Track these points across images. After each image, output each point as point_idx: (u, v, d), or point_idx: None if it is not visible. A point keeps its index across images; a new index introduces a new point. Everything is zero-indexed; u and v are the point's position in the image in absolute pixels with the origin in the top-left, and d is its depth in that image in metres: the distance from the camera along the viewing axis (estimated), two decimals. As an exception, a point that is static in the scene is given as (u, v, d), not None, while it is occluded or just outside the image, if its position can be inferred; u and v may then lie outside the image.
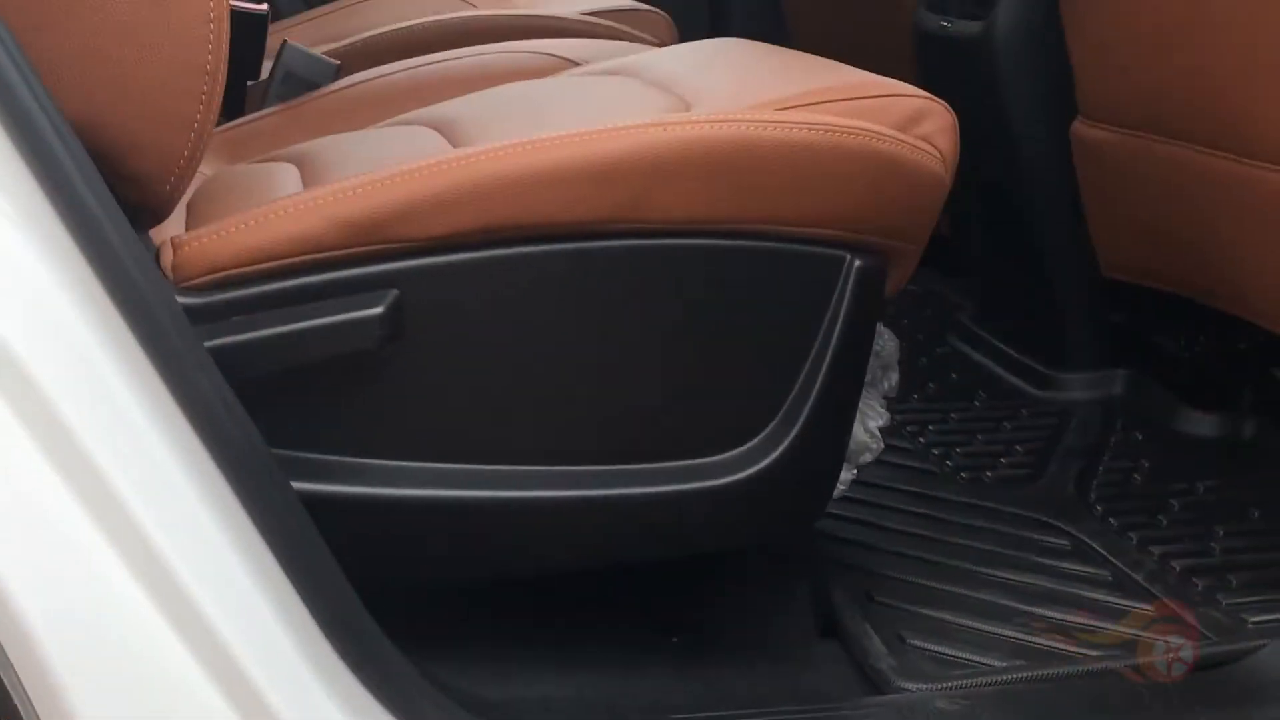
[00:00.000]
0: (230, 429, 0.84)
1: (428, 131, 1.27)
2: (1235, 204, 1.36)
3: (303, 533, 0.88)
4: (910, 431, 1.66)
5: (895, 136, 1.06)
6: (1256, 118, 1.30)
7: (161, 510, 0.83)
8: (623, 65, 1.36)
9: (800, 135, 1.02)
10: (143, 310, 0.85)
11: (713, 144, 1.00)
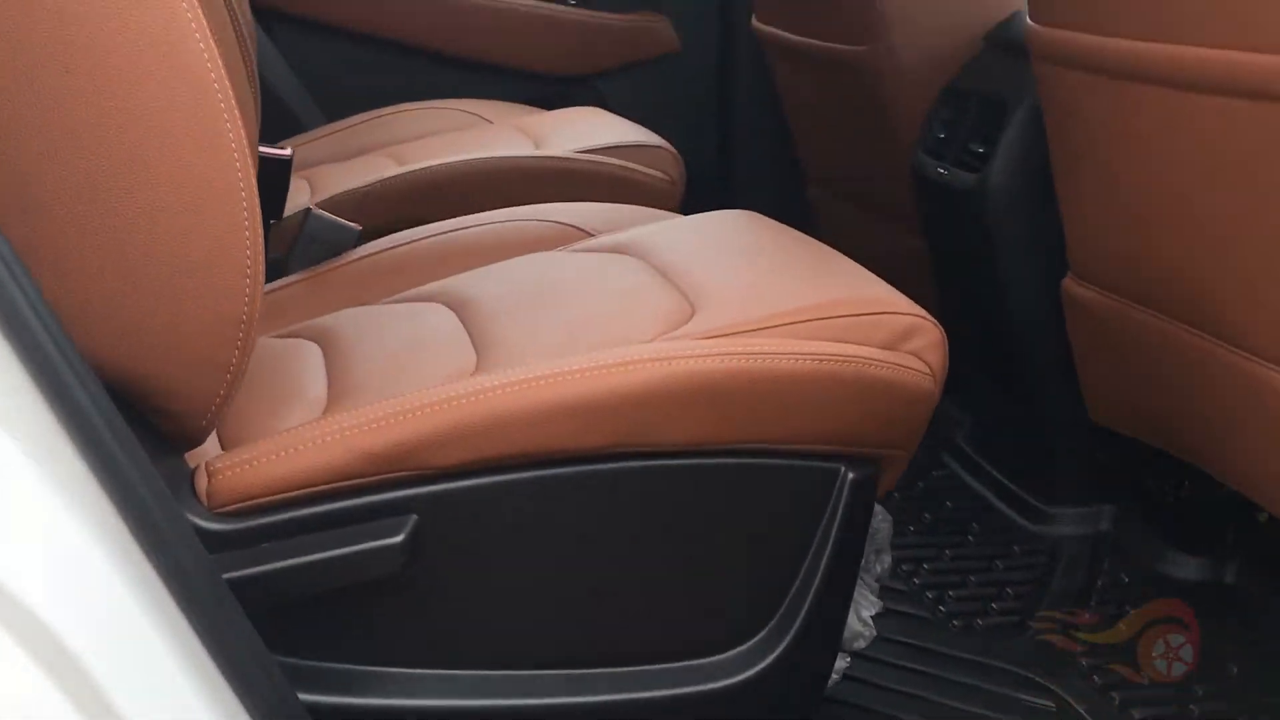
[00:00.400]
0: (262, 682, 0.90)
1: (444, 311, 1.34)
2: (1215, 382, 1.41)
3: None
4: (905, 571, 1.72)
5: (887, 361, 1.13)
6: (1231, 309, 1.35)
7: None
8: (631, 242, 1.42)
9: (797, 366, 1.09)
10: (162, 546, 0.89)
11: (713, 377, 1.07)
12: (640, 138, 1.99)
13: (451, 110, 2.31)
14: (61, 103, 0.89)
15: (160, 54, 0.90)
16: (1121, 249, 1.54)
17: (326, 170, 2.11)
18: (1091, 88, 1.46)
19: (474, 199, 1.87)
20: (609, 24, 2.58)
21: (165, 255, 0.94)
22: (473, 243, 1.52)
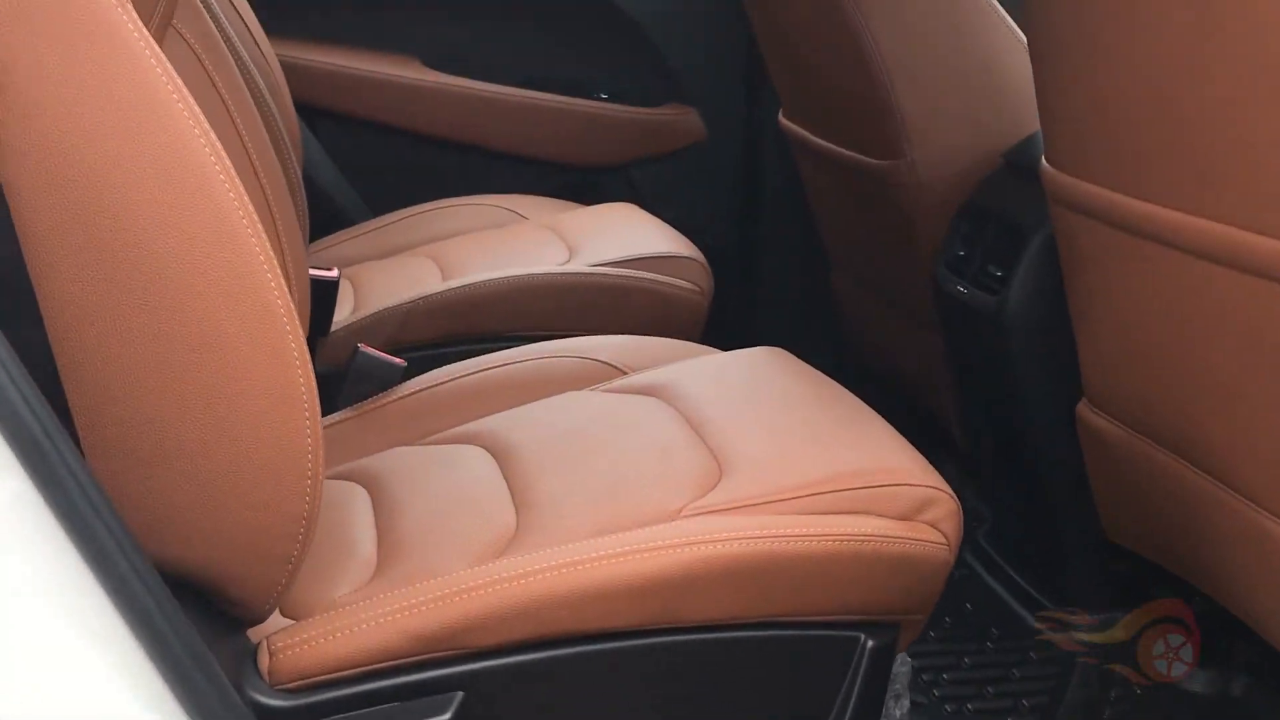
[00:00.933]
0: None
1: (484, 456, 1.41)
2: (1224, 525, 1.47)
3: None
4: (925, 681, 1.79)
5: (905, 536, 1.20)
6: (1239, 461, 1.42)
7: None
8: (662, 385, 1.50)
9: (820, 547, 1.16)
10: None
11: (741, 560, 1.14)
12: (671, 248, 2.06)
13: (488, 206, 2.39)
14: (141, 335, 0.96)
15: (235, 289, 0.97)
16: (1134, 388, 1.60)
17: (369, 270, 2.20)
18: (1106, 238, 1.52)
19: (511, 315, 1.95)
20: (639, 117, 2.66)
21: (232, 466, 1.01)
22: (512, 380, 1.59)
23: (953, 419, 2.20)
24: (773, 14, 2.23)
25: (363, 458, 1.50)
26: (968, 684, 1.80)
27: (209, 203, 0.96)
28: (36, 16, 0.92)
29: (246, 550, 1.05)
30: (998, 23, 1.93)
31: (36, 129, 0.92)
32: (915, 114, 1.94)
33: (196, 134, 0.96)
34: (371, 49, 2.63)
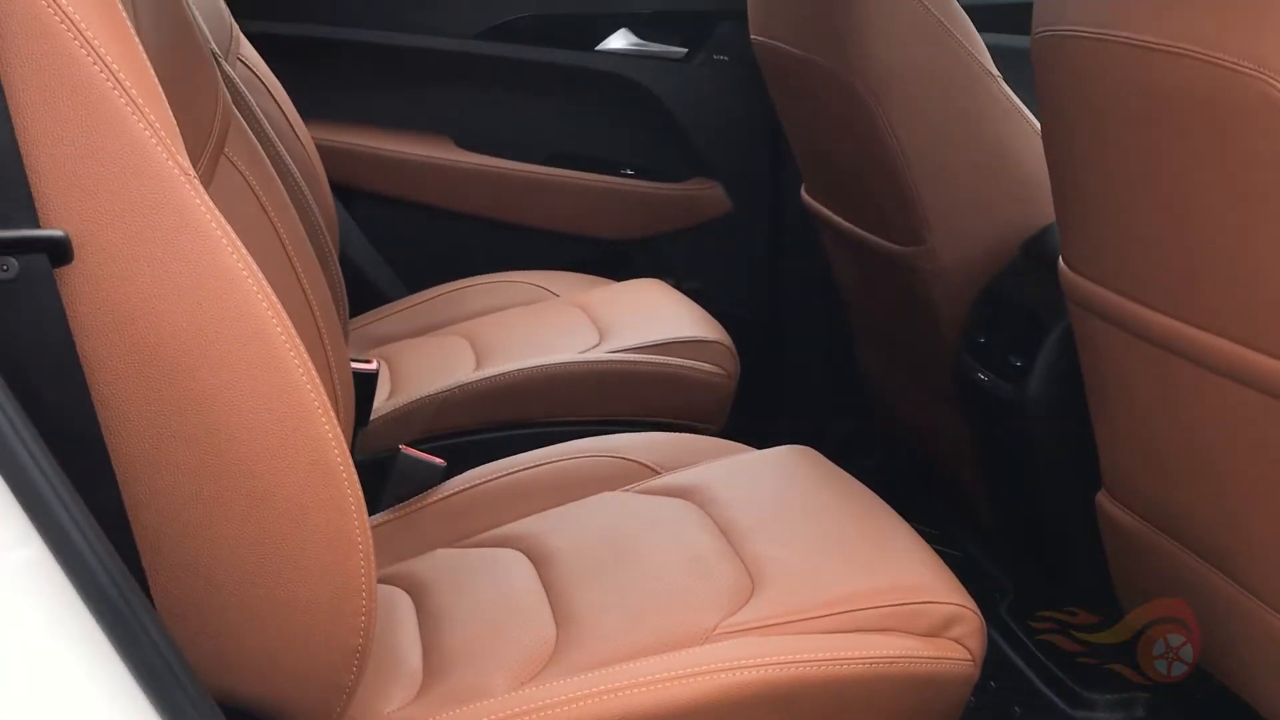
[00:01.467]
0: None
1: (524, 562, 1.47)
2: (1237, 622, 1.52)
3: None
4: (951, 765, 1.83)
5: (932, 656, 1.25)
6: (1250, 558, 1.47)
7: None
8: (694, 488, 1.56)
9: (849, 670, 1.21)
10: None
11: (774, 685, 1.20)
12: (698, 332, 2.11)
13: (519, 283, 2.45)
14: (204, 488, 1.02)
15: (296, 446, 1.03)
16: (1150, 485, 1.65)
17: (404, 350, 2.26)
18: (1123, 342, 1.57)
19: (543, 402, 2.01)
20: (665, 192, 2.72)
21: (290, 609, 1.07)
22: (549, 480, 1.65)
23: (976, 492, 2.25)
24: (795, 99, 2.29)
25: (405, 560, 1.56)
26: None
27: (273, 366, 1.02)
28: (108, 194, 0.97)
29: (304, 683, 1.11)
30: (1015, 114, 1.98)
31: (106, 301, 0.98)
32: (934, 203, 2.00)
33: (259, 299, 1.02)
34: (405, 130, 2.70)
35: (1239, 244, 1.32)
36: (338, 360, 1.63)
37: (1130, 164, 1.45)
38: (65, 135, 0.96)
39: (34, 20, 0.95)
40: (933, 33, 1.93)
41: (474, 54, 2.66)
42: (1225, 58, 1.23)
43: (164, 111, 1.01)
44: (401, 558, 1.57)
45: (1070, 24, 1.49)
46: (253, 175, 1.51)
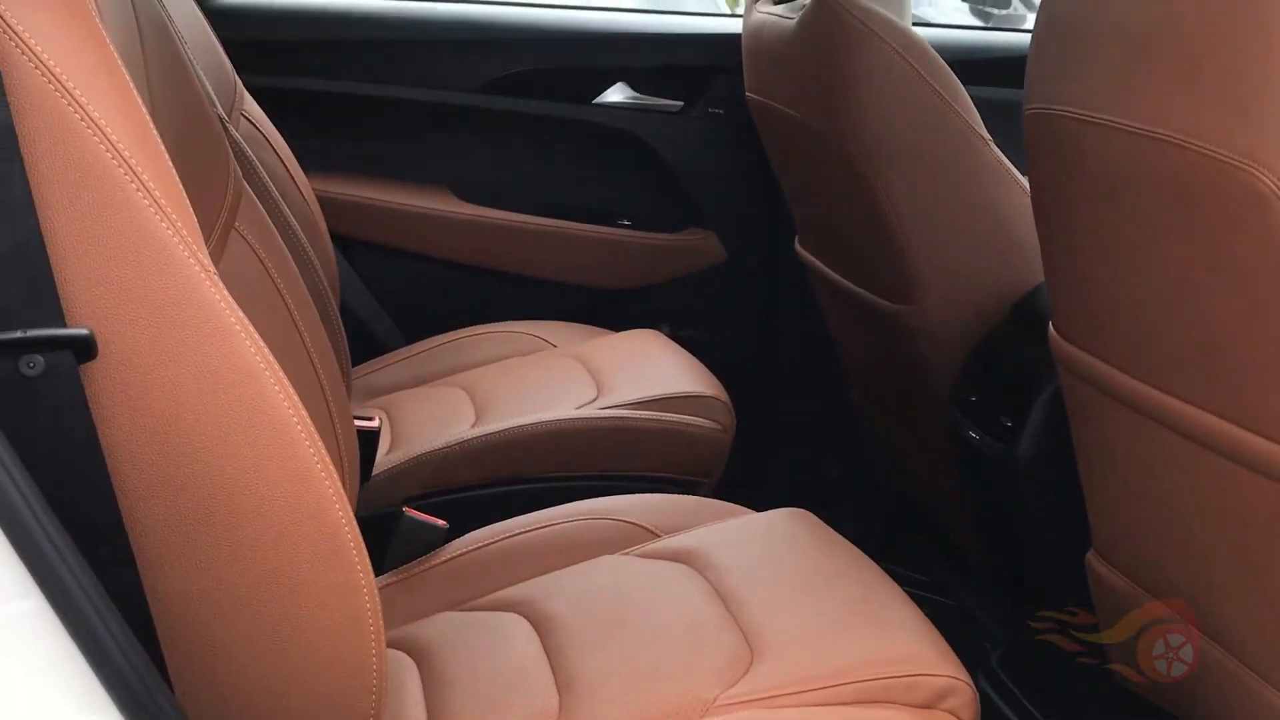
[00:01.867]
0: None
1: (525, 627, 1.50)
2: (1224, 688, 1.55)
3: None
4: (942, 817, 1.86)
5: (924, 734, 1.28)
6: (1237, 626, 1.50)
7: None
8: (693, 552, 1.59)
9: (845, 741, 1.24)
10: None
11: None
12: (694, 387, 2.14)
13: (516, 334, 2.48)
14: (223, 575, 1.06)
15: (311, 531, 1.06)
16: (1139, 549, 1.69)
17: (404, 402, 2.29)
18: (1112, 411, 1.61)
19: (543, 458, 2.04)
20: (661, 242, 2.77)
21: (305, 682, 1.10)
22: (550, 543, 1.68)
23: (969, 543, 2.29)
24: (789, 156, 2.33)
25: (409, 623, 1.59)
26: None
27: (289, 454, 1.05)
28: (132, 292, 1.01)
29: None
30: (1006, 178, 2.02)
31: (129, 394, 1.01)
32: (927, 264, 2.04)
33: (276, 390, 1.05)
34: (404, 181, 2.74)
35: (1226, 325, 1.35)
36: (341, 420, 1.66)
37: (1120, 242, 1.49)
38: (91, 236, 0.99)
39: (61, 124, 0.98)
40: (927, 100, 1.97)
41: (473, 107, 2.70)
42: (1215, 149, 1.27)
43: (185, 210, 1.05)
44: (405, 620, 1.60)
45: (1060, 104, 1.53)
46: (261, 247, 1.54)
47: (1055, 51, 1.57)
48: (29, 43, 0.98)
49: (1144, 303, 1.48)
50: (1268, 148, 1.23)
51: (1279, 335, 1.29)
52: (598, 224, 2.75)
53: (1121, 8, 1.42)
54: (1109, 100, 1.43)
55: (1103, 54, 1.46)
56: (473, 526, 1.80)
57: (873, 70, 1.97)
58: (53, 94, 0.98)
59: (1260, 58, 1.23)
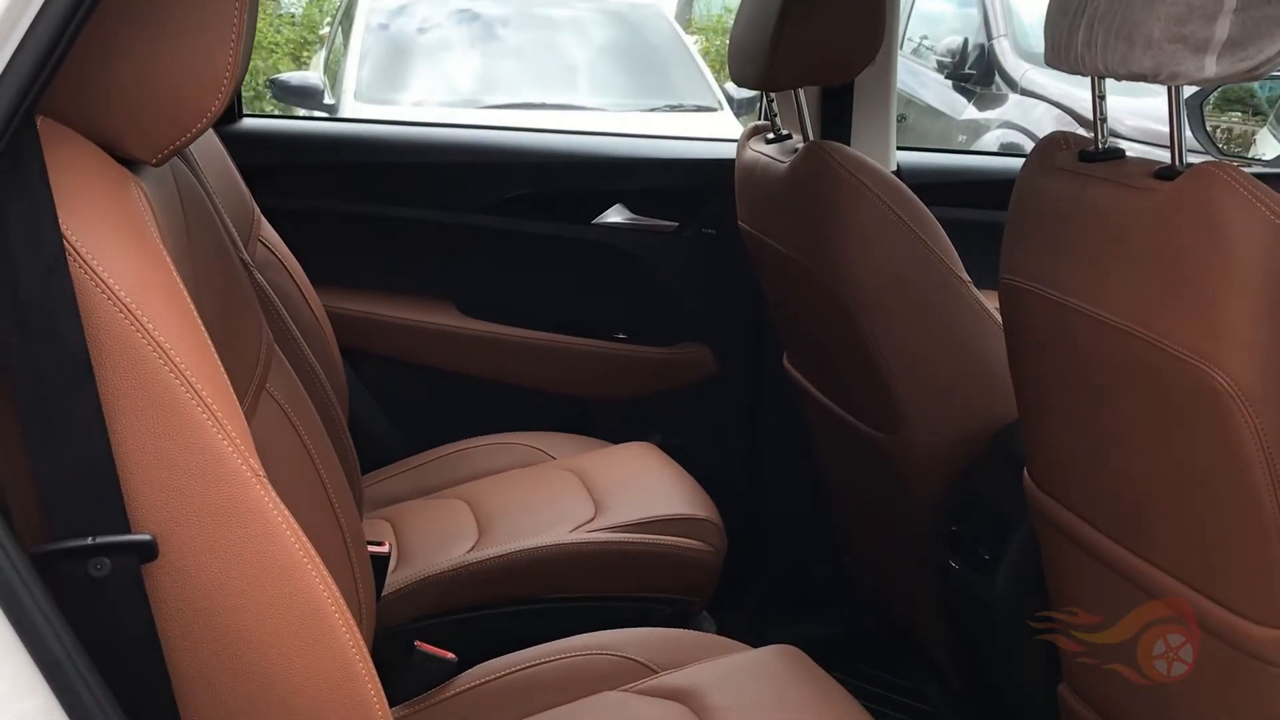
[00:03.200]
0: None
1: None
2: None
3: None
4: None
5: None
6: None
7: None
8: (689, 692, 1.69)
9: None
10: None
11: None
12: (689, 510, 2.24)
13: (517, 446, 2.58)
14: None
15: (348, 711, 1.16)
16: (1108, 691, 1.79)
17: (408, 513, 2.39)
18: (1082, 559, 1.72)
19: (544, 580, 2.14)
20: (655, 355, 2.89)
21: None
22: (552, 679, 1.78)
23: (945, 659, 2.39)
24: (777, 284, 2.45)
25: (419, 760, 1.69)
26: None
27: (327, 641, 1.15)
28: (190, 499, 1.11)
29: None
30: (986, 319, 2.13)
31: (184, 589, 1.11)
32: (909, 399, 2.15)
33: (317, 581, 1.15)
34: (410, 296, 2.86)
35: (1185, 502, 1.47)
36: (357, 552, 1.76)
37: (1088, 414, 1.60)
38: (156, 450, 1.09)
39: (131, 351, 1.08)
40: (912, 247, 2.09)
41: (477, 226, 2.82)
42: (1174, 346, 1.39)
43: (239, 420, 1.15)
44: (415, 756, 1.70)
45: (1032, 281, 1.65)
46: (289, 405, 1.64)
47: (1034, 228, 1.69)
48: (102, 275, 1.08)
49: (1113, 470, 1.60)
50: (1224, 350, 1.35)
51: (1233, 520, 1.40)
52: (595, 338, 2.87)
53: (1095, 197, 1.55)
54: (1085, 288, 1.54)
55: (1077, 239, 1.58)
56: (477, 646, 1.90)
57: (861, 220, 2.08)
58: (124, 323, 1.08)
59: (1219, 267, 1.35)
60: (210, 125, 1.21)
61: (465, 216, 2.82)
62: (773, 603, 2.80)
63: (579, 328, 2.88)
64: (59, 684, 1.02)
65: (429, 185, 2.84)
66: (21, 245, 1.05)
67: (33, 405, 1.07)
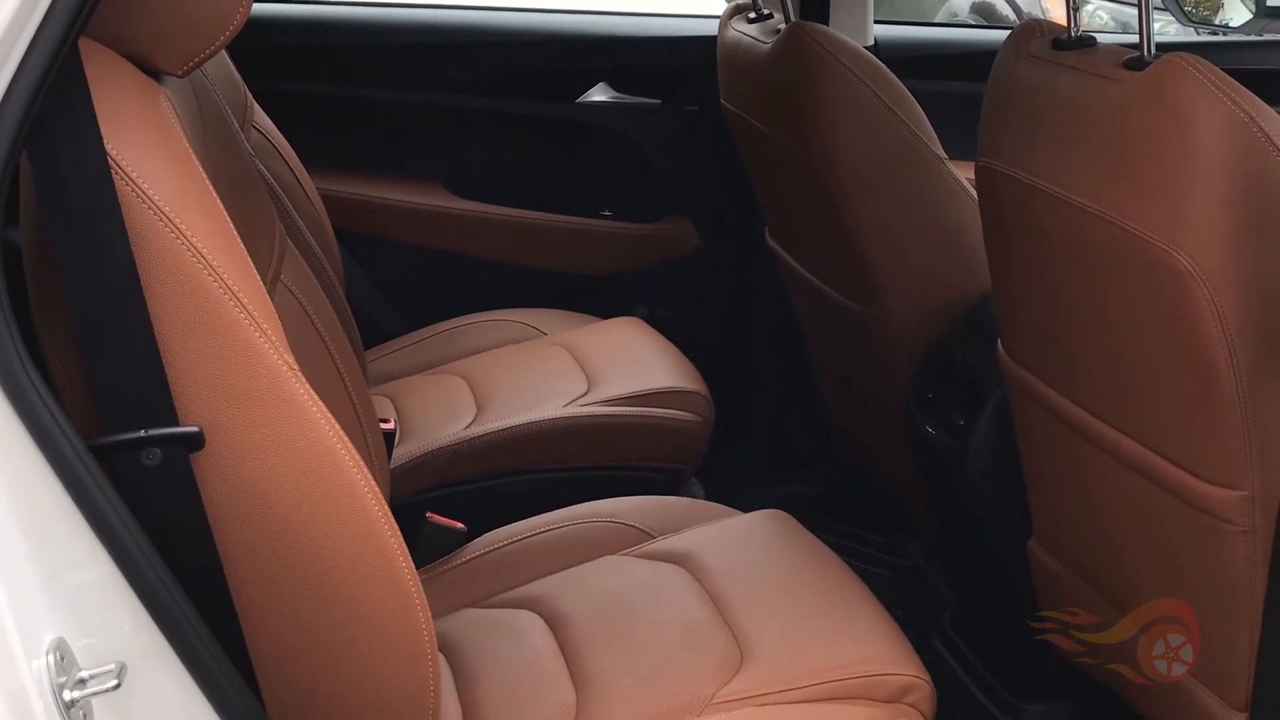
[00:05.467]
0: None
1: (541, 626, 1.72)
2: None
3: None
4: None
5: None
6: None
7: None
8: (686, 554, 1.81)
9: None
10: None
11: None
12: (678, 382, 2.34)
13: (508, 322, 2.68)
14: (310, 623, 1.26)
15: (382, 582, 1.27)
16: (1074, 541, 1.92)
17: (407, 389, 2.48)
18: (1051, 425, 1.83)
19: (543, 452, 2.25)
20: (639, 231, 2.97)
21: (374, 706, 1.32)
22: (556, 545, 1.89)
23: (922, 520, 2.52)
24: (759, 160, 2.52)
25: (435, 619, 1.80)
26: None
27: (362, 517, 1.25)
28: (232, 392, 1.20)
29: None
30: (961, 195, 2.22)
31: (230, 476, 1.20)
32: (886, 272, 2.24)
33: (350, 464, 1.25)
34: (399, 178, 2.92)
35: (1152, 374, 1.58)
36: (371, 430, 1.86)
37: (1059, 289, 1.70)
38: (199, 347, 1.18)
39: (172, 257, 1.16)
40: (889, 125, 2.17)
41: (464, 107, 2.87)
42: (1141, 229, 1.48)
43: (273, 318, 1.23)
44: (432, 617, 1.81)
45: (1008, 164, 1.73)
46: (302, 293, 1.73)
47: (1007, 112, 1.77)
48: (143, 187, 1.16)
49: (1081, 344, 1.70)
50: (1186, 234, 1.44)
51: (1193, 387, 1.51)
52: (581, 215, 2.95)
53: (1067, 85, 1.62)
54: (1053, 171, 1.63)
55: (1049, 126, 1.66)
56: (480, 516, 2.01)
57: (840, 99, 2.16)
58: (165, 231, 1.16)
59: (1180, 150, 1.44)
60: (234, 36, 1.27)
61: (451, 97, 2.87)
62: (756, 468, 2.91)
63: (565, 206, 2.95)
64: (120, 554, 1.12)
65: (416, 66, 2.88)
66: (69, 161, 1.13)
67: (85, 311, 1.15)
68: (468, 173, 2.94)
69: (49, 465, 1.08)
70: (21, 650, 1.00)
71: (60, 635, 1.04)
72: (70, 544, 1.10)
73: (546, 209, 2.95)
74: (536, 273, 2.97)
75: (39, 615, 1.03)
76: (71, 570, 1.10)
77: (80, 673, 1.04)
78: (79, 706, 1.04)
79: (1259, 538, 1.51)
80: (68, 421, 1.09)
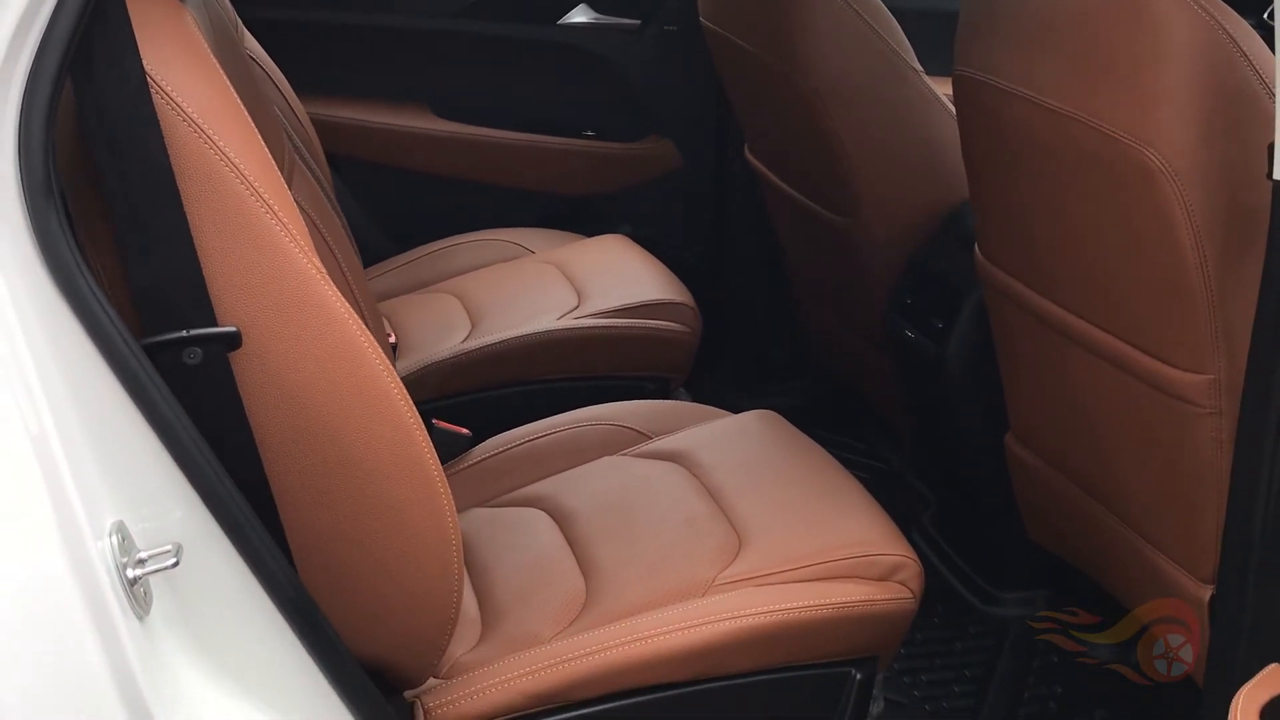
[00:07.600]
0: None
1: (548, 521, 1.81)
2: (1117, 545, 1.90)
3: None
4: (886, 658, 2.23)
5: (884, 597, 1.61)
6: (1124, 499, 1.84)
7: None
8: (682, 452, 1.90)
9: (820, 613, 1.57)
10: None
11: (766, 628, 1.55)
12: (666, 294, 2.43)
13: (496, 241, 2.75)
14: (346, 513, 1.34)
15: (411, 473, 1.35)
16: (1049, 433, 2.02)
17: (402, 308, 2.55)
18: (1025, 321, 1.93)
19: (536, 364, 2.33)
20: (622, 151, 3.04)
21: (403, 590, 1.41)
22: (558, 446, 1.98)
23: (901, 424, 2.62)
24: (739, 78, 2.58)
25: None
26: (918, 658, 2.24)
27: (389, 410, 1.33)
28: (265, 294, 1.27)
29: (413, 649, 1.45)
30: (936, 106, 2.30)
31: (266, 373, 1.28)
32: (865, 183, 2.32)
33: (377, 361, 1.32)
34: (386, 101, 2.97)
35: (1123, 269, 1.67)
36: (380, 343, 1.93)
37: (1034, 192, 1.79)
38: (234, 251, 1.25)
39: (207, 166, 1.23)
40: (866, 38, 2.24)
41: (447, 30, 2.92)
42: (1112, 129, 1.56)
43: (301, 225, 1.31)
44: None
45: (983, 71, 1.81)
46: (314, 210, 1.79)
47: (981, 21, 1.84)
48: (178, 101, 1.22)
49: (1055, 243, 1.79)
50: (1156, 131, 1.53)
51: (1162, 281, 1.60)
52: (564, 135, 3.01)
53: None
54: (1024, 75, 1.71)
55: (1021, 31, 1.74)
56: (477, 427, 2.09)
57: (820, 17, 2.22)
58: (200, 143, 1.23)
59: (1150, 53, 1.52)
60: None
61: (434, 20, 2.92)
62: (738, 377, 3.00)
63: (548, 126, 3.01)
64: (173, 444, 1.19)
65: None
66: (109, 77, 1.19)
67: (128, 221, 1.22)
68: (453, 96, 3.00)
69: (106, 363, 1.16)
70: (89, 531, 1.08)
71: (120, 519, 1.13)
72: (127, 436, 1.18)
73: (530, 130, 3.01)
74: (521, 193, 3.03)
75: (100, 501, 1.11)
76: (129, 460, 1.18)
77: (140, 553, 1.12)
78: (140, 584, 1.13)
79: (1225, 418, 1.61)
80: (121, 323, 1.16)
